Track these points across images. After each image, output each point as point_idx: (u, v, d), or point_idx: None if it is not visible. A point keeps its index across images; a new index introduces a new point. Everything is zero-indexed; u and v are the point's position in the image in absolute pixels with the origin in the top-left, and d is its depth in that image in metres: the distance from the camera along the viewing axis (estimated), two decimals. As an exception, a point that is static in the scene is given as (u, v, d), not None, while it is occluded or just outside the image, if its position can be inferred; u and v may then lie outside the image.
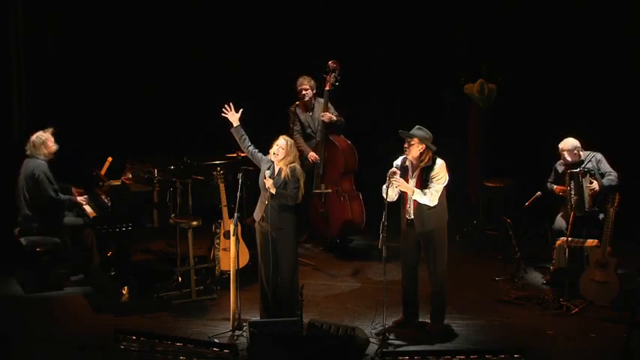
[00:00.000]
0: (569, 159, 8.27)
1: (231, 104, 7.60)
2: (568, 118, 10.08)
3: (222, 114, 7.61)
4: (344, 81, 9.32)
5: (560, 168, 8.44)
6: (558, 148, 8.35)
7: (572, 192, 8.10)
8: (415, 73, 10.96)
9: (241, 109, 7.60)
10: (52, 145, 8.37)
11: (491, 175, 9.56)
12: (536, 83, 10.53)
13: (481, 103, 9.95)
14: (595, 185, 8.06)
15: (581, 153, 8.30)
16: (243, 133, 7.56)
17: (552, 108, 10.47)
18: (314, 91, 9.33)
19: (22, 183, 8.25)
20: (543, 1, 10.47)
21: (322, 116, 9.24)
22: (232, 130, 7.60)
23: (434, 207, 7.11)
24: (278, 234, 7.22)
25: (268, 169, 7.28)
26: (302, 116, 9.38)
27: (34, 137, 8.36)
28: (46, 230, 8.25)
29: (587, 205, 8.09)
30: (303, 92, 9.27)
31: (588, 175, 8.08)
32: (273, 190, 7.15)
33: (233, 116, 7.59)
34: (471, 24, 10.83)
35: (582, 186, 8.05)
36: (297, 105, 9.37)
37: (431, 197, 7.07)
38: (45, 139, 8.35)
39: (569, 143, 8.29)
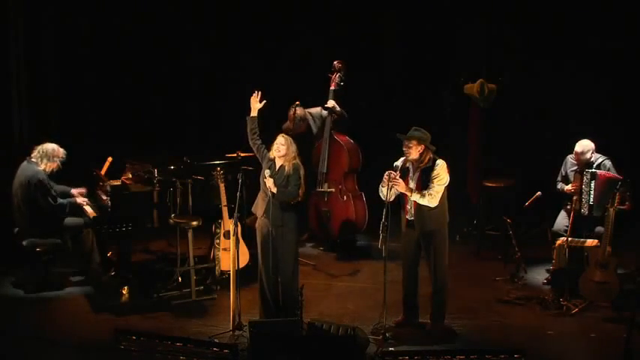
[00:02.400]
0: (587, 157, 8.19)
1: (259, 92, 7.52)
2: (569, 118, 10.11)
3: (252, 96, 7.54)
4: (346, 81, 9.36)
5: (570, 164, 8.37)
6: (576, 150, 8.27)
7: (591, 192, 8.06)
8: (415, 73, 10.97)
9: (264, 101, 7.52)
10: (57, 162, 8.28)
11: (491, 175, 9.55)
12: (537, 83, 10.55)
13: (481, 103, 9.94)
14: (627, 207, 7.92)
15: (593, 154, 8.27)
16: (256, 126, 7.47)
17: (553, 108, 10.48)
18: (307, 122, 9.39)
19: (18, 190, 8.19)
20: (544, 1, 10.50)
21: (327, 104, 9.29)
22: (247, 119, 7.50)
23: (434, 207, 7.11)
24: (279, 232, 7.22)
25: (269, 168, 7.28)
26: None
27: (50, 147, 8.22)
28: (48, 233, 8.24)
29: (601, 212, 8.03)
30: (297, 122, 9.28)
31: (626, 193, 7.85)
32: (274, 190, 7.15)
33: (255, 104, 7.50)
34: (471, 23, 10.85)
35: (610, 197, 7.81)
36: (289, 125, 9.30)
37: (430, 199, 7.07)
38: (60, 154, 8.26)
39: (587, 145, 8.22)
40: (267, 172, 7.23)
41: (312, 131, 9.53)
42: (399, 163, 7.28)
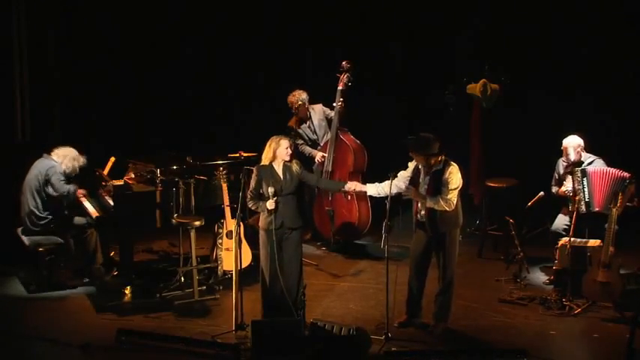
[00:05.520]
0: (572, 157, 8.27)
1: None
2: (570, 117, 10.11)
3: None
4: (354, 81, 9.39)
5: (562, 166, 8.44)
6: (562, 145, 8.35)
7: (585, 190, 8.07)
8: (418, 73, 10.98)
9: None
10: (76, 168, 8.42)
11: (493, 176, 9.55)
12: (539, 83, 10.55)
13: (484, 103, 9.94)
14: (636, 204, 7.94)
15: (582, 153, 8.30)
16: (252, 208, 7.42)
17: (555, 107, 10.48)
18: (306, 104, 9.42)
19: (32, 182, 8.24)
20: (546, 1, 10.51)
21: (339, 107, 9.34)
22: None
23: (437, 208, 7.10)
24: (287, 234, 7.23)
25: (272, 181, 7.22)
26: (300, 130, 9.46)
27: (73, 150, 8.36)
28: (52, 231, 8.25)
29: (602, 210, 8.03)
30: (296, 107, 9.39)
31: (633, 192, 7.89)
32: (273, 206, 7.14)
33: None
34: (473, 23, 10.86)
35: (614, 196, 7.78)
36: (294, 120, 9.47)
37: (445, 204, 7.06)
38: (81, 160, 8.38)
39: (573, 141, 8.29)
40: (270, 191, 7.16)
41: (312, 123, 9.54)
42: (412, 164, 7.28)
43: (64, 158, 8.33)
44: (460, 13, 10.90)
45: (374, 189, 7.49)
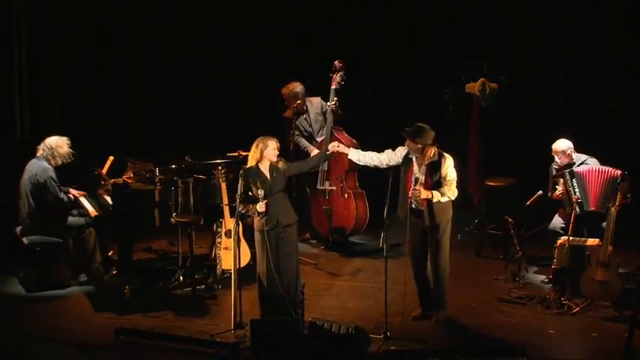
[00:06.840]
0: (561, 161, 8.29)
1: None
2: (569, 117, 10.12)
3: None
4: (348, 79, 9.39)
5: (555, 171, 8.45)
6: (552, 150, 8.38)
7: (576, 190, 8.08)
8: (417, 71, 10.98)
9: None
10: (68, 152, 8.33)
11: (492, 175, 9.55)
12: (538, 82, 10.56)
13: (483, 102, 9.94)
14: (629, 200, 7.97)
15: (573, 155, 8.30)
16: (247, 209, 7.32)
17: (554, 107, 10.49)
18: (304, 96, 9.41)
19: (26, 184, 8.23)
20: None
21: (329, 103, 9.30)
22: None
23: (443, 201, 7.19)
24: (283, 231, 7.23)
25: (261, 184, 7.22)
26: (297, 121, 9.45)
27: (52, 140, 8.26)
28: (50, 231, 8.25)
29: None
30: (294, 105, 9.37)
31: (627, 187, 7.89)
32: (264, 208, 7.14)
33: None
34: (472, 22, 10.87)
35: (611, 195, 7.81)
36: (291, 111, 9.43)
37: (450, 194, 7.23)
38: (64, 143, 8.30)
39: (561, 145, 8.30)
40: (260, 194, 7.15)
41: (309, 116, 9.54)
42: (403, 151, 7.30)
43: (53, 154, 8.21)
44: (460, 13, 10.90)
45: (355, 155, 7.64)
